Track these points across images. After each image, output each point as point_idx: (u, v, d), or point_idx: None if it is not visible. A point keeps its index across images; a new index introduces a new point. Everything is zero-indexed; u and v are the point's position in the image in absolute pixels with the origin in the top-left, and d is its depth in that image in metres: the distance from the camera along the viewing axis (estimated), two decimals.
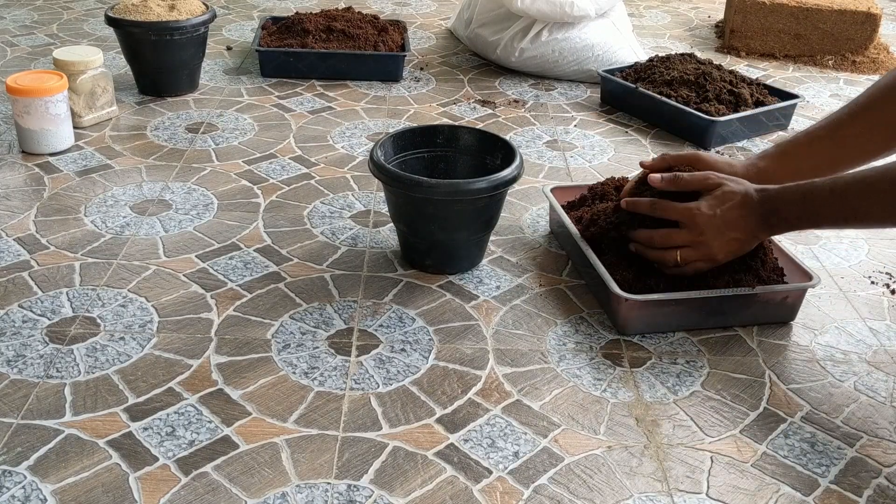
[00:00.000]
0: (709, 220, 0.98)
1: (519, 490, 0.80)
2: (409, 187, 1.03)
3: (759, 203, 0.97)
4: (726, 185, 0.99)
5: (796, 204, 0.95)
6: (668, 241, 1.00)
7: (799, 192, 0.96)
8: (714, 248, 0.99)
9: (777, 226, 0.98)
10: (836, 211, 0.94)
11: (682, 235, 1.00)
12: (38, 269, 1.08)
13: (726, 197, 0.98)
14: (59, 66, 1.43)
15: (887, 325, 1.08)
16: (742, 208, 0.98)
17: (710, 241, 0.98)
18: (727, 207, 0.98)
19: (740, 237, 0.98)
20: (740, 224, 0.98)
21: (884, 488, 0.82)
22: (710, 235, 0.98)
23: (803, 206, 0.95)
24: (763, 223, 0.98)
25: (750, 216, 0.97)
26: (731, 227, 0.98)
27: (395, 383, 0.92)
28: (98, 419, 0.85)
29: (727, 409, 0.91)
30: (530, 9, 1.74)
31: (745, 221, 0.98)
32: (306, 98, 1.65)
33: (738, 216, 0.98)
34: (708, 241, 0.98)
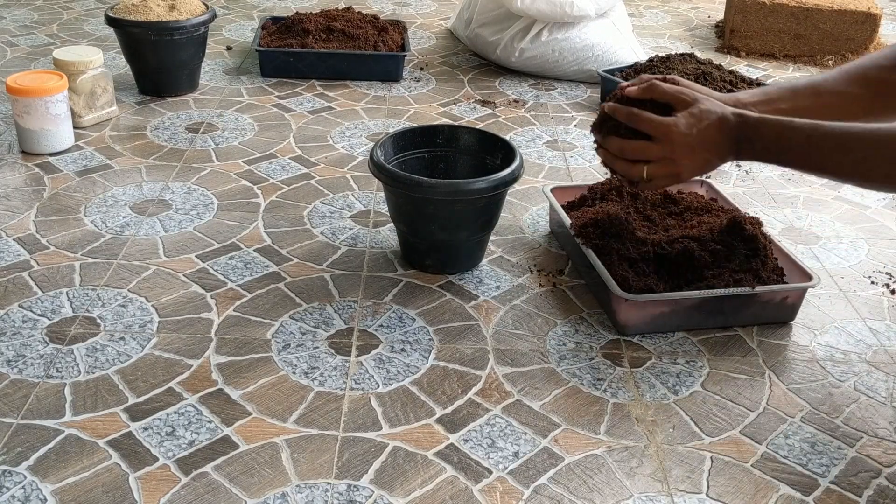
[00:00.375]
0: (684, 138, 0.95)
1: (519, 490, 0.80)
2: (409, 187, 1.03)
3: (735, 127, 0.95)
4: (703, 104, 0.96)
5: (771, 140, 0.94)
6: (639, 153, 0.97)
7: (777, 129, 0.94)
8: (682, 167, 0.96)
9: (745, 154, 0.96)
10: (807, 158, 0.93)
11: (654, 150, 0.97)
12: (38, 269, 1.08)
13: (703, 115, 0.96)
14: (59, 66, 1.43)
15: (887, 325, 1.07)
16: (717, 129, 0.95)
17: (680, 158, 0.96)
18: (704, 126, 0.95)
19: (710, 158, 0.96)
20: (712, 144, 0.95)
21: (884, 488, 0.82)
22: (681, 153, 0.95)
23: (777, 143, 0.94)
24: (733, 147, 0.96)
25: (724, 139, 0.95)
26: (704, 147, 0.95)
27: (395, 383, 0.92)
28: (98, 419, 0.85)
29: (727, 409, 0.91)
30: (530, 9, 1.74)
31: (717, 142, 0.95)
32: (306, 98, 1.65)
33: (712, 136, 0.95)
34: (678, 159, 0.96)
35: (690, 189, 1.24)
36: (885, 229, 1.30)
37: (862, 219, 1.33)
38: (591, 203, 1.17)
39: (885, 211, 1.35)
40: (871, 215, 1.34)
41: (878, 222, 1.32)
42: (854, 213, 1.34)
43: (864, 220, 1.32)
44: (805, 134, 0.93)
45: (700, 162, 0.96)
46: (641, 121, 0.97)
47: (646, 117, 0.97)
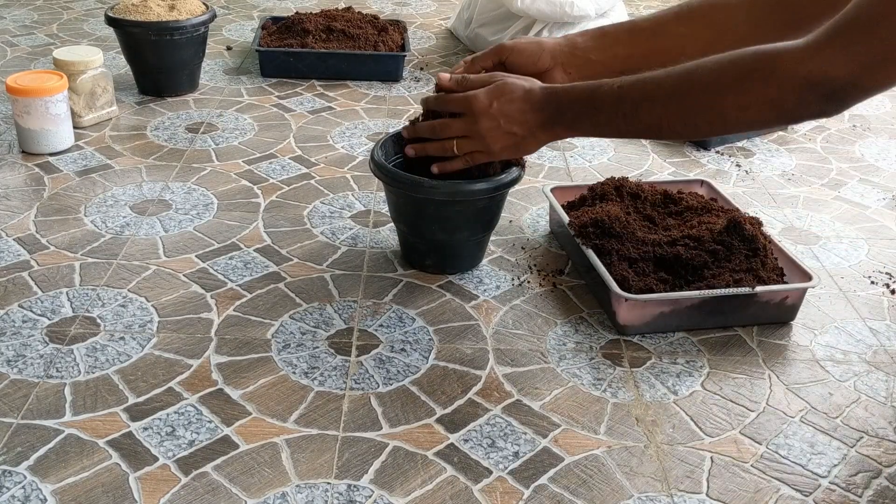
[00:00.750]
0: (484, 109, 0.95)
1: (519, 490, 0.80)
2: (409, 187, 1.03)
3: (542, 99, 0.94)
4: (507, 79, 0.96)
5: (581, 102, 0.92)
6: (445, 129, 0.99)
7: (585, 90, 0.92)
8: (490, 139, 0.96)
9: (559, 127, 0.94)
10: (618, 117, 0.89)
11: (458, 123, 0.97)
12: (38, 269, 1.08)
13: (506, 89, 0.95)
14: (59, 66, 1.43)
15: (887, 325, 1.08)
16: (523, 102, 0.94)
17: (485, 130, 0.96)
18: (506, 99, 0.95)
19: (518, 132, 0.95)
20: (518, 117, 0.94)
21: (884, 488, 0.82)
22: (485, 125, 0.95)
23: (587, 105, 0.91)
24: (545, 122, 0.94)
25: (530, 111, 0.94)
26: (509, 119, 0.95)
27: (395, 383, 0.92)
28: (98, 419, 0.85)
29: (727, 409, 0.91)
30: (530, 9, 1.74)
31: (524, 116, 0.94)
32: (306, 98, 1.65)
33: (516, 109, 0.94)
34: (483, 131, 0.96)
35: (690, 189, 1.24)
36: (885, 229, 1.30)
37: (862, 219, 1.33)
38: (590, 203, 1.17)
39: (885, 211, 1.36)
40: (871, 215, 1.34)
41: (878, 222, 1.32)
42: (854, 213, 1.34)
43: (864, 220, 1.32)
44: (615, 86, 0.89)
45: (507, 136, 0.96)
46: (447, 101, 0.99)
47: (450, 97, 0.98)
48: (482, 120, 0.96)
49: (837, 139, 1.62)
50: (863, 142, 1.61)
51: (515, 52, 1.03)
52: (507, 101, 0.95)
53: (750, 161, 1.50)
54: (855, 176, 1.47)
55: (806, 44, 0.78)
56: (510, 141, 0.96)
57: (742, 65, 0.82)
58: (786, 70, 0.79)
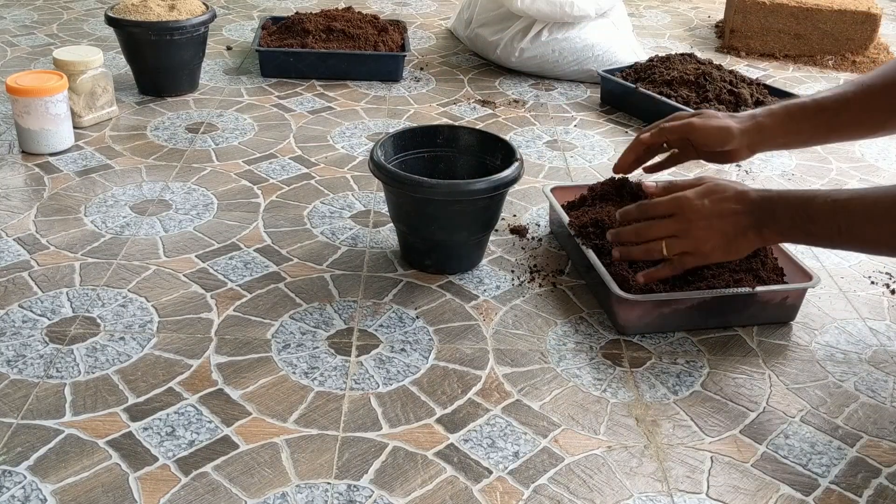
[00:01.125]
0: (696, 209, 0.94)
1: (519, 490, 0.80)
2: (409, 187, 1.03)
3: (756, 202, 0.93)
4: (717, 181, 0.97)
5: (794, 210, 0.92)
6: (651, 231, 0.97)
7: (799, 200, 0.92)
8: (700, 239, 0.94)
9: (770, 230, 0.94)
10: (832, 223, 0.89)
11: (665, 225, 0.96)
12: (38, 269, 1.08)
13: (717, 188, 0.95)
14: (59, 66, 1.43)
15: (887, 325, 1.08)
16: (735, 203, 0.94)
17: (695, 230, 0.94)
18: (717, 198, 0.94)
19: (728, 231, 0.94)
20: (731, 218, 0.94)
21: (884, 488, 0.82)
22: (696, 224, 0.94)
23: (801, 215, 0.91)
24: (756, 224, 0.94)
25: (743, 213, 0.94)
26: (720, 217, 0.94)
27: (395, 383, 0.92)
28: (98, 419, 0.85)
29: (727, 409, 0.91)
30: (530, 9, 1.74)
31: (735, 217, 0.94)
32: (306, 98, 1.65)
33: (729, 210, 0.94)
34: (693, 231, 0.94)
35: None
36: None
37: None
38: (591, 203, 1.17)
39: None
40: None
41: None
42: None
43: None
44: (830, 199, 0.89)
45: (718, 236, 0.94)
46: (654, 206, 0.97)
47: (657, 200, 0.97)
48: (693, 220, 0.94)
49: None
50: (863, 142, 1.61)
51: (704, 134, 1.03)
52: (719, 200, 0.94)
53: (750, 161, 1.50)
54: (855, 176, 1.47)
55: None
56: (721, 241, 0.94)
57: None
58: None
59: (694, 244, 0.95)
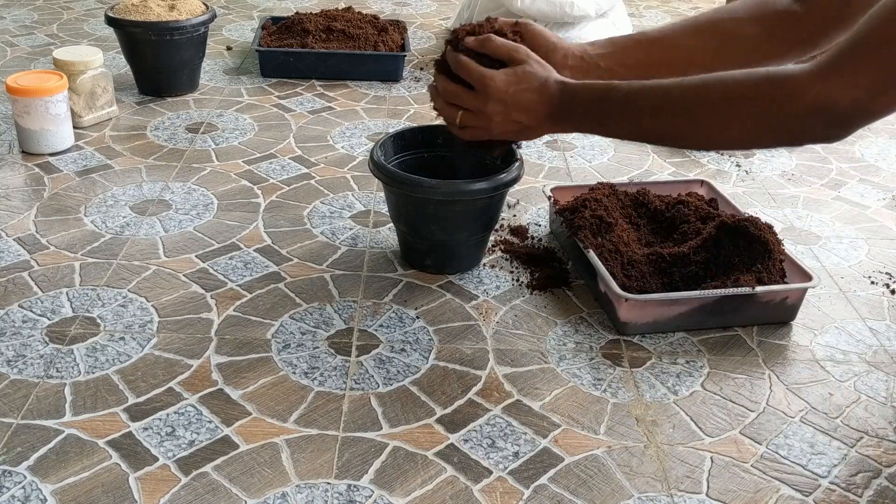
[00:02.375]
0: (499, 94, 0.94)
1: (519, 490, 0.80)
2: (409, 187, 1.03)
3: (556, 93, 0.93)
4: (530, 65, 0.95)
5: (591, 102, 0.91)
6: (454, 98, 0.97)
7: (597, 91, 0.92)
8: (494, 122, 0.95)
9: (565, 121, 0.94)
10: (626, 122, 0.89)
11: (468, 98, 0.96)
12: (38, 269, 1.08)
13: (525, 77, 0.94)
14: (59, 66, 1.43)
15: (887, 325, 1.07)
16: (537, 93, 0.93)
17: (491, 113, 0.94)
18: (522, 88, 0.93)
19: (523, 121, 0.94)
20: (529, 108, 0.93)
21: (884, 488, 0.82)
22: (494, 108, 0.94)
23: (597, 106, 0.91)
24: (553, 114, 0.93)
25: (541, 103, 0.93)
26: (518, 108, 0.94)
27: (395, 383, 0.92)
28: (98, 419, 0.85)
29: (727, 409, 0.91)
30: (530, 9, 1.74)
31: (534, 106, 0.93)
32: (306, 98, 1.65)
33: (529, 99, 0.93)
34: (489, 113, 0.94)
35: (690, 189, 1.24)
36: (885, 229, 1.30)
37: (862, 219, 1.33)
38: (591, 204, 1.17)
39: (884, 211, 1.36)
40: (871, 215, 1.34)
41: (878, 222, 1.32)
42: (854, 213, 1.34)
43: (864, 220, 1.32)
44: (623, 89, 0.89)
45: (512, 123, 0.95)
46: (463, 68, 0.96)
47: (467, 66, 0.96)
48: (492, 103, 0.94)
49: None
50: (863, 142, 1.61)
51: (535, 35, 1.02)
52: (523, 90, 0.93)
53: (750, 161, 1.50)
54: (855, 176, 1.47)
55: (811, 69, 0.78)
56: (513, 128, 0.96)
57: (750, 86, 0.82)
58: (792, 95, 0.79)
59: (487, 124, 0.96)
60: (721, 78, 0.84)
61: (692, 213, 1.15)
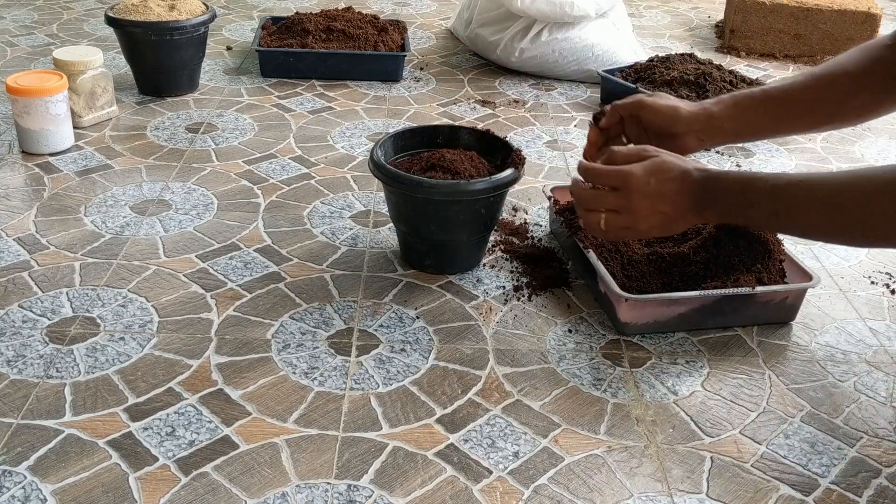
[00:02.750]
0: (640, 187, 0.92)
1: (519, 490, 0.80)
2: (409, 187, 1.03)
3: (698, 183, 0.92)
4: (664, 156, 0.95)
5: (735, 194, 0.91)
6: (595, 202, 0.96)
7: (740, 182, 0.91)
8: (640, 218, 0.93)
9: (708, 210, 0.93)
10: (770, 208, 0.89)
11: (609, 199, 0.95)
12: (38, 269, 1.08)
13: (663, 167, 0.93)
14: (59, 66, 1.43)
15: (887, 325, 1.08)
16: (678, 182, 0.92)
17: (637, 208, 0.93)
18: (662, 178, 0.93)
19: (669, 212, 0.92)
20: (673, 198, 0.92)
21: (884, 488, 0.82)
22: (638, 203, 0.93)
23: (741, 197, 0.91)
24: (696, 204, 0.92)
25: (685, 193, 0.92)
26: (662, 199, 0.93)
27: (395, 383, 0.92)
28: (98, 419, 0.85)
29: (727, 409, 0.91)
30: (530, 9, 1.74)
31: (678, 197, 0.92)
32: (306, 98, 1.65)
33: (672, 190, 0.92)
34: (635, 209, 0.93)
35: None
36: None
37: None
38: None
39: None
40: None
41: None
42: None
43: None
44: (769, 183, 0.89)
45: (657, 215, 0.93)
46: (604, 174, 0.96)
47: (607, 169, 0.95)
48: (636, 197, 0.93)
49: (837, 139, 1.62)
50: (863, 142, 1.61)
51: (653, 111, 1.02)
52: (664, 181, 0.92)
53: (750, 161, 1.50)
54: None
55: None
56: (660, 221, 0.94)
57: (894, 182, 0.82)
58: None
59: (633, 221, 0.94)
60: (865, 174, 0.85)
61: None
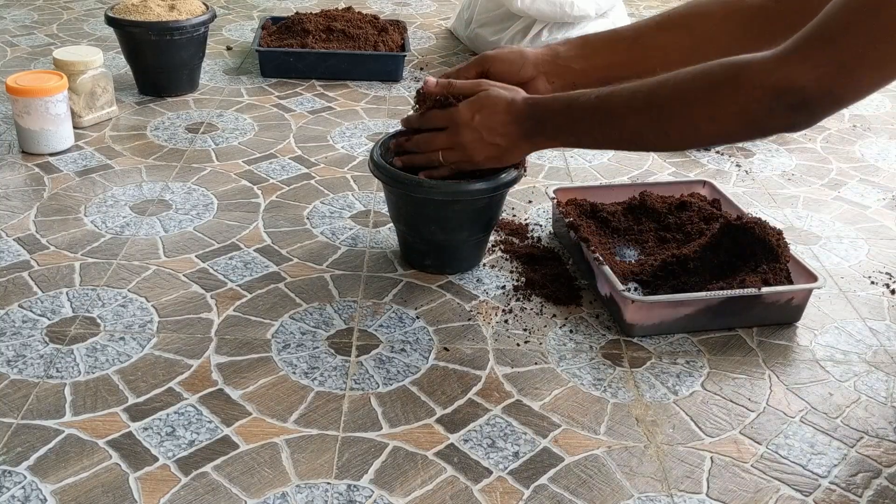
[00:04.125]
0: (466, 121, 0.96)
1: (519, 490, 0.80)
2: (409, 187, 1.03)
3: (524, 111, 0.95)
4: (490, 91, 0.97)
5: (560, 113, 0.93)
6: (429, 143, 1.00)
7: (564, 101, 0.93)
8: (472, 150, 0.98)
9: (539, 137, 0.96)
10: (594, 120, 0.90)
11: (441, 137, 0.99)
12: (38, 269, 1.08)
13: (489, 101, 0.96)
14: (59, 66, 1.43)
15: (887, 325, 1.07)
16: (505, 114, 0.95)
17: (467, 143, 0.97)
18: (487, 112, 0.96)
19: (500, 143, 0.97)
20: (500, 129, 0.96)
21: (884, 488, 0.82)
22: (467, 137, 0.97)
23: (565, 116, 0.92)
24: (526, 133, 0.95)
25: (512, 123, 0.95)
26: (491, 131, 0.96)
27: (395, 383, 0.92)
28: (98, 419, 0.85)
29: (727, 409, 0.91)
30: (530, 9, 1.74)
31: (506, 128, 0.95)
32: (306, 98, 1.65)
33: (498, 121, 0.96)
34: (465, 143, 0.97)
35: (693, 190, 1.24)
36: (885, 229, 1.30)
37: (862, 219, 1.33)
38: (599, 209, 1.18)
39: (885, 211, 1.36)
40: (871, 215, 1.34)
41: (878, 222, 1.32)
42: (854, 213, 1.34)
43: (864, 220, 1.32)
44: (593, 96, 0.90)
45: (489, 146, 0.97)
46: (430, 118, 1.00)
47: (432, 113, 1.00)
48: (464, 132, 0.97)
49: (837, 139, 1.62)
50: (863, 142, 1.61)
51: (498, 61, 1.04)
52: (490, 114, 0.96)
53: (750, 161, 1.50)
54: (855, 176, 1.47)
55: (774, 54, 0.79)
56: (493, 152, 0.98)
57: (712, 75, 0.83)
58: (753, 80, 0.79)
59: (467, 155, 0.99)
60: (684, 72, 0.85)
61: (695, 213, 1.16)
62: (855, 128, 1.67)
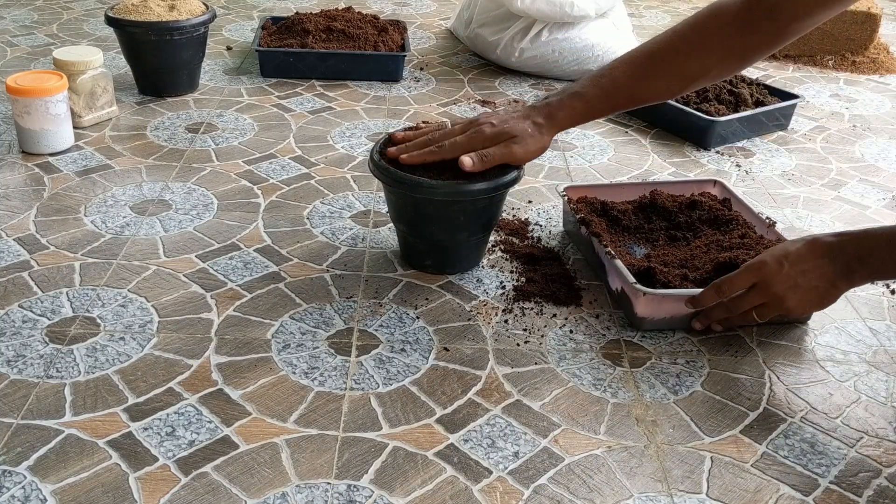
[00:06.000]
0: (778, 277, 0.94)
1: (519, 490, 0.80)
2: (409, 187, 1.03)
3: (834, 248, 0.92)
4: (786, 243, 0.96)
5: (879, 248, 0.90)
6: (741, 305, 0.98)
7: (881, 237, 0.90)
8: (791, 301, 0.95)
9: (856, 273, 0.92)
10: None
11: (752, 297, 0.96)
12: (38, 269, 1.08)
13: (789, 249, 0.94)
14: (59, 66, 1.43)
15: (887, 325, 1.07)
16: (815, 257, 0.93)
17: (785, 296, 0.94)
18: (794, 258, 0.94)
19: (818, 286, 0.93)
20: (815, 274, 0.93)
21: (884, 488, 0.82)
22: (781, 290, 0.94)
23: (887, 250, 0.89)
24: (842, 272, 0.92)
25: (826, 265, 0.92)
26: (804, 276, 0.93)
27: (395, 383, 0.92)
28: (98, 419, 0.85)
29: (727, 409, 0.91)
30: (530, 9, 1.74)
31: (820, 271, 0.93)
32: (306, 98, 1.65)
33: (811, 266, 0.93)
34: (783, 296, 0.94)
35: (703, 190, 1.25)
36: None
37: (862, 219, 1.33)
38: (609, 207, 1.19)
39: (885, 211, 1.35)
40: (871, 215, 1.34)
41: (878, 222, 1.32)
42: (854, 213, 1.34)
43: (864, 220, 1.32)
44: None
45: (810, 293, 0.94)
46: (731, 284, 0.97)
47: (731, 279, 0.97)
48: (777, 286, 0.94)
49: (837, 139, 1.62)
50: (863, 142, 1.61)
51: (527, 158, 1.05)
52: (797, 260, 0.93)
53: (750, 161, 1.50)
54: (855, 176, 1.47)
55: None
56: (813, 297, 0.94)
57: None
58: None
59: (786, 307, 0.96)
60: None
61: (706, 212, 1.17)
62: (855, 128, 1.67)
